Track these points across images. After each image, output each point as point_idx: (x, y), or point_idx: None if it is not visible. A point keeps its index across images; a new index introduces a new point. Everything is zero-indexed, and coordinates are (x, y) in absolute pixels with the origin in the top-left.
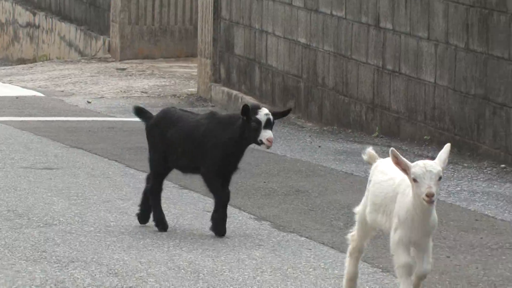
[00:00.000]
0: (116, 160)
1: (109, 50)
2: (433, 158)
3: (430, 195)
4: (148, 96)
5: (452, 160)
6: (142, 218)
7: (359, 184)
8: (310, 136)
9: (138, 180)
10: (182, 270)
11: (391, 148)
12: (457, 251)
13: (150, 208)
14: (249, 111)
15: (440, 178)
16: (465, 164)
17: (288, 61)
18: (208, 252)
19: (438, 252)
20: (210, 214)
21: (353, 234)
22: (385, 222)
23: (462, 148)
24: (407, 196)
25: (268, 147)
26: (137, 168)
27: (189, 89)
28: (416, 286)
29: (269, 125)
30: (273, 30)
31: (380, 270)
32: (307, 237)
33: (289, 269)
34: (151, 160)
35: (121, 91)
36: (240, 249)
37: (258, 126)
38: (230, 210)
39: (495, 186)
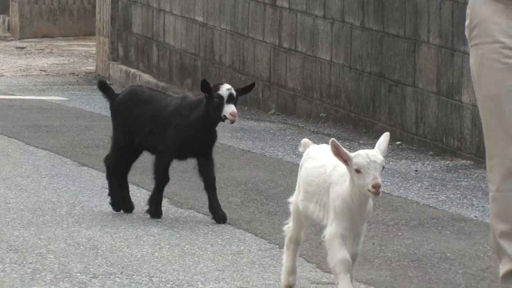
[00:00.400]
0: (15, 138)
1: (8, 29)
2: (329, 135)
3: (377, 187)
4: (47, 74)
5: (347, 137)
6: (121, 207)
7: (256, 161)
8: None
9: (37, 158)
10: (81, 247)
11: (332, 139)
12: None
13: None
14: (209, 87)
15: (383, 168)
16: (361, 141)
17: (186, 40)
18: (106, 228)
19: None
20: (107, 191)
21: (288, 226)
22: (318, 212)
23: (358, 125)
24: (341, 186)
25: (232, 122)
26: (37, 146)
27: (88, 68)
28: None
29: (232, 100)
30: (171, 9)
31: (277, 246)
32: (204, 214)
33: (187, 245)
34: (115, 139)
35: (20, 70)
36: (138, 226)
37: (220, 102)
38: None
39: (390, 163)
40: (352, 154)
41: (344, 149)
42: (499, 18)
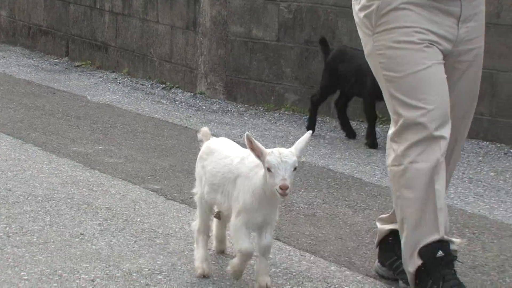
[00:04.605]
0: None
1: None
2: None
3: (284, 188)
4: None
5: None
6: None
7: None
8: None
9: None
10: None
11: (246, 133)
12: None
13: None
14: None
15: (295, 168)
16: None
17: None
18: None
19: None
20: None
21: (195, 222)
22: (224, 202)
23: None
24: (251, 179)
25: None
26: None
27: None
28: (262, 258)
29: None
30: None
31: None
32: None
33: None
34: (322, 84)
35: None
36: None
37: None
38: None
39: None
40: (266, 151)
41: (259, 144)
42: (410, 6)
